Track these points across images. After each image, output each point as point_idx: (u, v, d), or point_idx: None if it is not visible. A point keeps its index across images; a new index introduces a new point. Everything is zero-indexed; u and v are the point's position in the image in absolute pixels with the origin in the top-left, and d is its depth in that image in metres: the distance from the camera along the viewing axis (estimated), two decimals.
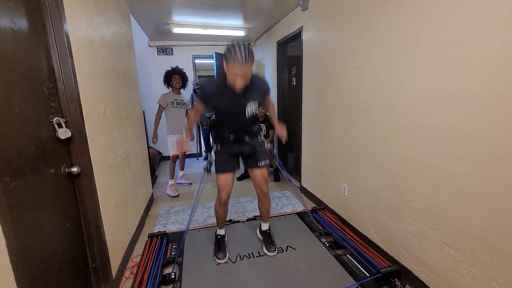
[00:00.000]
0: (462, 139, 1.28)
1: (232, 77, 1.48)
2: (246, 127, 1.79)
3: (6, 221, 0.85)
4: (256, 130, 1.87)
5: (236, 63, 1.41)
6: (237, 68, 1.42)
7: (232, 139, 1.80)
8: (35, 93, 1.11)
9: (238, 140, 1.81)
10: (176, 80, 3.32)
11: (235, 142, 1.81)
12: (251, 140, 1.84)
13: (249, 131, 1.82)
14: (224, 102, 1.66)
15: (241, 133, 1.80)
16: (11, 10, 1.00)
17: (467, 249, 1.31)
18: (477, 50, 1.18)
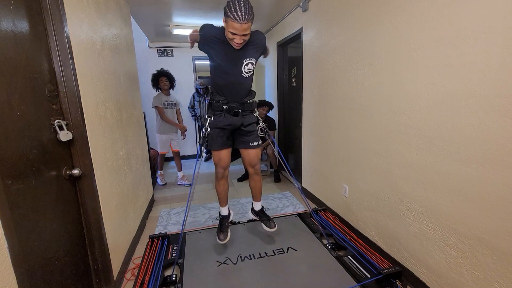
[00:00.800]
0: (462, 140, 1.28)
1: (230, 35, 1.42)
2: (242, 92, 1.71)
3: (8, 223, 0.85)
4: (251, 104, 1.79)
5: (235, 20, 1.35)
6: (236, 25, 1.37)
7: (225, 108, 1.71)
8: (37, 95, 1.11)
9: (231, 109, 1.71)
10: (163, 82, 3.47)
11: (228, 111, 1.72)
12: (245, 113, 1.77)
13: (244, 99, 1.73)
14: (221, 54, 1.56)
15: (235, 99, 1.70)
16: (12, 13, 1.00)
17: (468, 251, 1.31)
18: (478, 51, 1.19)
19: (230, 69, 1.60)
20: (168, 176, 4.11)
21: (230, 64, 1.59)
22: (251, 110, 1.82)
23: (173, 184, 3.78)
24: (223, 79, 1.66)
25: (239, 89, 1.69)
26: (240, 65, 1.60)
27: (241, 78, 1.64)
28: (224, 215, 2.02)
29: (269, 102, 3.65)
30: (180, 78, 4.76)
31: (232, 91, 1.69)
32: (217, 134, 1.77)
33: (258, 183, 1.97)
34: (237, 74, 1.61)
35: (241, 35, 1.42)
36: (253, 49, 1.62)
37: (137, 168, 2.47)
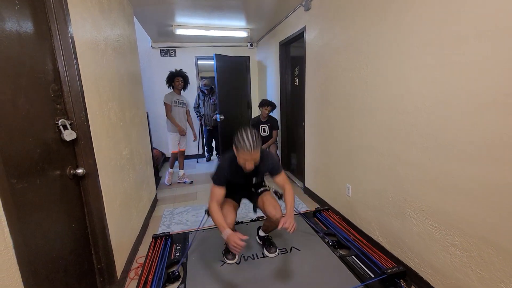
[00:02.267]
0: (467, 139, 1.27)
1: (242, 162, 1.57)
2: (253, 187, 1.95)
3: (14, 222, 0.85)
4: (262, 181, 1.97)
5: (246, 151, 1.51)
6: (247, 154, 1.52)
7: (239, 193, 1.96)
8: (41, 95, 1.12)
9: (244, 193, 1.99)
10: (179, 82, 3.56)
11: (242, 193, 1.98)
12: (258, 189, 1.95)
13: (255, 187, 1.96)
14: (236, 178, 1.74)
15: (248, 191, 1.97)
16: (17, 14, 1.01)
17: (473, 250, 1.30)
18: (483, 50, 1.17)
19: (241, 185, 1.85)
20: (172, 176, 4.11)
21: (241, 184, 1.84)
22: (262, 185, 1.98)
23: (175, 184, 3.79)
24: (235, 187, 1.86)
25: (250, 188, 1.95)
26: (250, 182, 1.83)
27: (250, 188, 1.93)
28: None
29: (271, 102, 3.65)
30: None
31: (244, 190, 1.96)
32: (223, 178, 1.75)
33: (274, 225, 1.83)
34: (249, 183, 1.86)
35: (251, 161, 1.56)
36: (264, 168, 1.76)
37: (140, 167, 2.48)
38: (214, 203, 1.64)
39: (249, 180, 1.81)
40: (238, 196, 1.96)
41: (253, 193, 1.95)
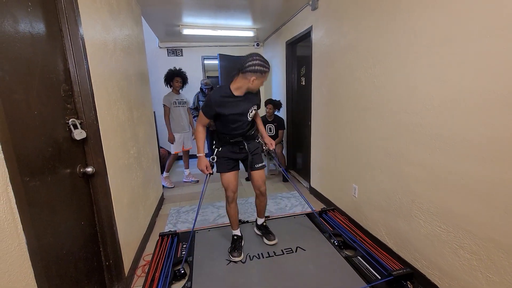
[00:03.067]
0: (477, 139, 1.25)
1: (259, 83, 1.70)
2: (246, 130, 1.89)
3: (26, 219, 0.88)
4: (254, 133, 1.97)
5: (267, 73, 1.68)
6: (266, 76, 1.69)
7: (232, 141, 1.90)
8: (52, 95, 1.15)
9: (237, 143, 1.90)
10: (178, 82, 3.54)
11: (235, 144, 1.91)
12: (249, 142, 1.93)
13: (248, 134, 1.92)
14: (230, 109, 1.76)
15: (240, 136, 1.89)
16: (30, 15, 1.03)
17: (483, 253, 1.28)
18: (492, 49, 1.15)
19: (239, 119, 1.81)
20: (176, 175, 4.15)
21: (239, 115, 1.80)
22: (253, 138, 1.98)
23: (181, 183, 3.82)
24: (230, 127, 1.83)
25: (243, 130, 1.88)
26: (247, 113, 1.82)
27: (246, 122, 1.85)
28: (238, 236, 2.08)
29: (274, 101, 3.63)
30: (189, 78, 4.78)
31: (238, 131, 1.87)
32: (225, 161, 1.93)
33: (262, 203, 2.09)
34: (244, 120, 1.84)
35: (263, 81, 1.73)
36: (254, 97, 1.84)
37: (148, 166, 2.51)
38: (200, 126, 1.86)
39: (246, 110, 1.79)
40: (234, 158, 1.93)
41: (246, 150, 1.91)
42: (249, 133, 1.93)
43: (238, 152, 1.92)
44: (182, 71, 3.57)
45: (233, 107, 1.75)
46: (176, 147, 3.60)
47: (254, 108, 1.85)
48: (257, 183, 1.98)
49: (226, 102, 1.73)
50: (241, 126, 1.84)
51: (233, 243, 2.03)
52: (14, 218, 0.83)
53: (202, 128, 1.86)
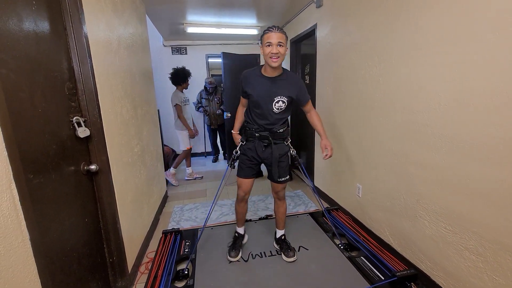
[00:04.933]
0: (484, 140, 1.22)
1: (267, 49, 1.54)
2: (273, 124, 1.74)
3: (30, 216, 0.89)
4: (283, 133, 1.79)
5: (270, 32, 1.53)
6: (271, 34, 1.52)
7: (257, 135, 1.76)
8: (57, 93, 1.15)
9: (263, 138, 1.76)
10: (188, 83, 3.68)
11: (260, 139, 1.77)
12: (276, 142, 1.77)
13: (275, 130, 1.76)
14: (256, 89, 1.67)
15: (267, 130, 1.75)
16: (34, 14, 1.04)
17: (489, 255, 1.25)
18: (501, 47, 1.12)
19: (262, 103, 1.68)
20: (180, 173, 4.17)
21: (262, 99, 1.67)
22: (282, 138, 1.80)
23: (183, 181, 3.83)
24: (254, 112, 1.76)
25: (270, 122, 1.73)
26: (271, 101, 1.67)
27: (271, 113, 1.71)
28: (239, 234, 2.06)
29: None
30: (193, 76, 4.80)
31: (264, 122, 1.74)
32: (246, 164, 1.83)
33: (280, 208, 1.97)
34: (269, 109, 1.69)
35: (276, 44, 1.52)
36: (287, 87, 1.68)
37: (151, 164, 2.52)
38: (240, 106, 1.89)
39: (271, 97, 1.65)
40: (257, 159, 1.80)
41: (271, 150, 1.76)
42: (277, 129, 1.75)
43: (263, 150, 1.77)
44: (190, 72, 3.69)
45: (258, 86, 1.67)
46: (186, 143, 3.63)
47: (283, 99, 1.66)
48: (276, 188, 1.89)
49: (252, 79, 1.69)
50: (265, 115, 1.70)
51: (233, 240, 2.03)
52: (17, 215, 0.84)
53: (240, 108, 1.90)
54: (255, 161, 1.82)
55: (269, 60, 1.55)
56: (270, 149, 1.76)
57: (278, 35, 1.52)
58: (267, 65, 1.60)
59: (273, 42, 1.52)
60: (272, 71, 1.64)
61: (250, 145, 1.80)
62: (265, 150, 1.78)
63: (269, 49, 1.53)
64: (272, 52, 1.52)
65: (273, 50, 1.52)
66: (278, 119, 1.74)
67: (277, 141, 1.77)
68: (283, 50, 1.55)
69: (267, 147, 1.78)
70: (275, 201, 1.98)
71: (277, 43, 1.52)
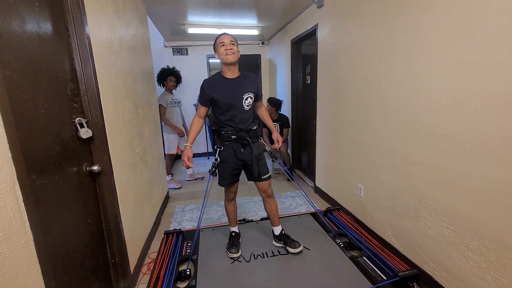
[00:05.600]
0: (486, 140, 1.22)
1: (221, 48, 1.66)
2: (247, 121, 1.79)
3: (34, 217, 0.89)
4: (256, 131, 1.85)
5: (221, 35, 1.69)
6: (223, 37, 1.67)
7: (233, 138, 1.78)
8: (59, 94, 1.16)
9: (240, 138, 1.78)
10: (172, 82, 3.45)
11: (236, 141, 1.79)
12: (252, 141, 1.81)
13: (250, 128, 1.81)
14: (221, 92, 1.72)
15: (241, 130, 1.78)
16: (37, 15, 1.04)
17: (492, 255, 1.25)
18: (503, 46, 1.12)
19: (233, 103, 1.73)
20: (181, 174, 4.17)
21: (231, 99, 1.73)
22: (256, 136, 1.87)
23: (184, 181, 3.83)
24: (226, 115, 1.76)
25: (243, 122, 1.79)
26: (241, 100, 1.74)
27: (243, 113, 1.77)
28: (236, 232, 2.10)
29: (273, 99, 3.60)
30: (194, 76, 4.82)
31: (237, 123, 1.77)
32: (227, 173, 1.85)
33: (272, 205, 1.97)
34: (240, 109, 1.76)
35: (229, 42, 1.66)
36: (249, 84, 1.79)
37: (153, 165, 2.53)
38: (196, 116, 1.84)
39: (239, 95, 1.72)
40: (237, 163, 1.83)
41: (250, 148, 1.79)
42: (251, 127, 1.82)
43: (242, 151, 1.80)
44: (176, 70, 3.49)
45: (224, 90, 1.71)
46: (171, 148, 3.49)
47: (250, 95, 1.75)
48: (262, 187, 1.91)
49: (216, 84, 1.73)
50: (238, 116, 1.74)
51: (230, 239, 2.05)
52: (21, 216, 0.84)
53: (197, 119, 1.83)
54: (235, 166, 1.84)
55: (225, 57, 1.65)
56: (250, 148, 1.79)
57: (230, 37, 1.67)
58: (225, 66, 1.71)
59: (226, 42, 1.65)
60: (231, 72, 1.73)
61: (227, 152, 1.82)
62: (243, 151, 1.81)
63: (224, 48, 1.65)
64: (227, 48, 1.64)
65: (227, 47, 1.64)
66: (249, 116, 1.82)
67: (253, 139, 1.83)
68: (236, 48, 1.68)
69: (245, 147, 1.81)
70: (265, 200, 1.97)
71: (229, 42, 1.66)
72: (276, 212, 1.99)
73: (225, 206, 2.05)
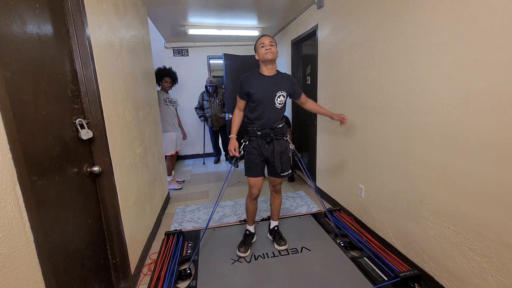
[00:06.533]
0: (489, 140, 1.22)
1: (262, 49, 1.77)
2: (274, 120, 1.86)
3: (34, 218, 0.89)
4: (282, 128, 1.91)
5: (262, 37, 1.80)
6: (263, 39, 1.79)
7: (259, 134, 1.86)
8: (60, 95, 1.16)
9: (265, 135, 1.86)
10: (167, 82, 3.48)
11: (262, 137, 1.87)
12: (277, 137, 1.88)
13: (275, 126, 1.87)
14: (257, 87, 1.80)
15: (268, 127, 1.86)
16: (37, 17, 1.04)
17: (494, 256, 1.24)
18: (507, 45, 1.12)
19: (265, 99, 1.81)
20: (182, 174, 4.18)
21: (265, 95, 1.81)
22: (282, 134, 1.93)
23: (188, 182, 3.83)
24: (258, 112, 1.84)
25: (271, 120, 1.86)
26: (273, 97, 1.82)
27: (273, 111, 1.85)
28: (250, 232, 2.11)
29: None
30: (195, 77, 4.83)
31: (266, 120, 1.85)
32: (255, 162, 1.91)
33: (276, 201, 2.10)
34: (271, 106, 1.83)
35: (269, 43, 1.76)
36: (284, 83, 1.87)
37: (153, 165, 2.53)
38: (236, 109, 1.96)
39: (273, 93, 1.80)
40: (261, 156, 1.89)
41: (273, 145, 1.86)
42: (278, 125, 1.88)
43: (266, 147, 1.87)
44: (172, 71, 3.50)
45: (259, 86, 1.80)
46: (171, 148, 3.44)
47: (283, 93, 1.83)
48: (274, 182, 2.01)
49: (253, 80, 1.82)
50: (268, 112, 1.82)
51: (244, 237, 2.08)
52: (22, 217, 0.84)
53: (237, 112, 1.95)
54: (262, 158, 1.90)
55: (265, 55, 1.76)
56: (273, 145, 1.86)
57: (269, 38, 1.78)
58: (264, 64, 1.81)
59: (266, 43, 1.76)
60: (269, 70, 1.83)
61: (254, 144, 1.89)
62: (267, 147, 1.88)
63: (264, 49, 1.75)
64: (267, 48, 1.75)
65: (267, 47, 1.75)
66: (279, 114, 1.88)
67: (277, 137, 1.89)
68: (275, 49, 1.78)
69: (269, 143, 1.88)
70: (272, 194, 2.10)
71: (269, 43, 1.76)
72: (278, 208, 2.11)
73: (247, 204, 2.07)
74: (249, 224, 2.12)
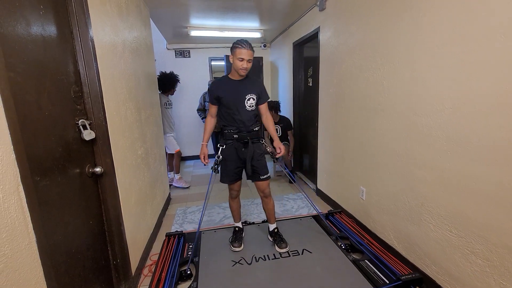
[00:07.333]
0: (492, 142, 1.22)
1: (238, 62, 1.76)
2: (248, 123, 1.90)
3: (37, 218, 0.89)
4: (257, 131, 1.96)
5: (242, 48, 1.74)
6: (243, 52, 1.74)
7: (235, 137, 1.90)
8: (63, 96, 1.17)
9: (241, 139, 1.90)
10: (175, 89, 3.59)
11: (238, 141, 1.91)
12: (253, 142, 1.92)
13: (251, 129, 1.92)
14: (226, 92, 1.86)
15: (243, 130, 1.90)
16: (42, 18, 1.05)
17: (496, 259, 1.24)
18: (506, 48, 1.12)
19: (236, 102, 1.86)
20: (183, 176, 4.18)
21: (235, 99, 1.86)
22: (258, 137, 1.97)
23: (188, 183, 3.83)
24: (231, 116, 1.89)
25: (245, 122, 1.90)
26: (243, 99, 1.86)
27: (245, 114, 1.89)
28: (239, 227, 2.18)
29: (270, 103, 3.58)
30: (196, 79, 4.84)
31: (239, 123, 1.89)
32: (229, 170, 1.96)
33: (269, 205, 2.09)
34: (243, 109, 1.87)
35: (247, 60, 1.76)
36: (253, 86, 1.90)
37: (155, 167, 2.53)
38: (208, 116, 2.02)
39: (242, 96, 1.85)
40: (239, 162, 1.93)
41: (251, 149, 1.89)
42: (253, 128, 1.93)
43: (243, 151, 1.91)
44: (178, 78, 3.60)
45: (229, 90, 1.86)
46: (175, 146, 3.55)
47: (252, 96, 1.88)
48: (261, 187, 2.01)
49: (223, 85, 1.88)
50: (240, 114, 1.86)
51: (234, 234, 2.14)
52: (25, 217, 0.84)
53: (209, 118, 2.01)
54: (238, 165, 1.95)
55: (240, 71, 1.79)
56: (248, 145, 1.90)
57: (249, 53, 1.76)
58: (236, 73, 1.83)
59: (245, 58, 1.75)
60: (239, 76, 1.87)
61: (230, 150, 1.93)
62: (244, 150, 1.92)
63: (241, 63, 1.76)
64: (243, 66, 1.77)
65: (244, 65, 1.77)
66: (251, 117, 1.92)
67: (253, 140, 1.93)
68: (250, 65, 1.81)
69: (246, 146, 1.92)
70: (262, 199, 2.09)
71: (247, 60, 1.76)
72: (272, 211, 2.11)
73: (229, 203, 2.14)
74: (236, 221, 2.19)
